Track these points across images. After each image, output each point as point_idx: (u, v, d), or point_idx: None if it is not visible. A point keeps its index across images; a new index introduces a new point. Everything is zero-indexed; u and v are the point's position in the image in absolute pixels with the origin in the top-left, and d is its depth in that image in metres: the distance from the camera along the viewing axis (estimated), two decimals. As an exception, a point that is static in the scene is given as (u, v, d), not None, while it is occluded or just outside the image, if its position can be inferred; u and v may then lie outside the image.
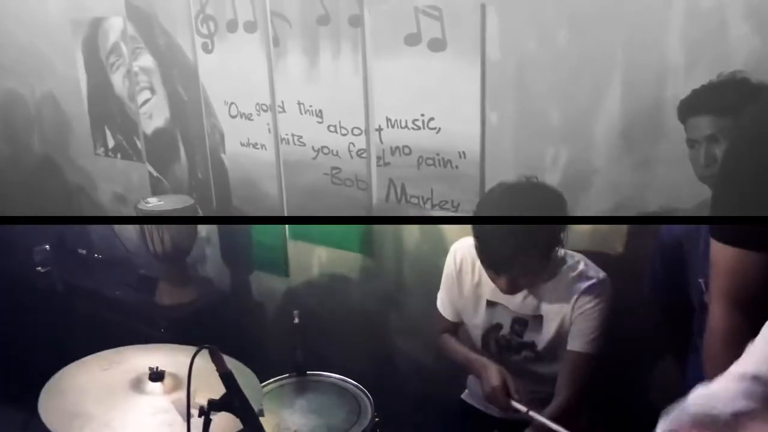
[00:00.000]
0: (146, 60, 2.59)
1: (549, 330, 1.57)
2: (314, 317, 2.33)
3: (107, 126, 2.87)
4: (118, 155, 2.89)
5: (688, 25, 1.51)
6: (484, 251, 1.46)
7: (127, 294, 2.57)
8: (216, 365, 1.17)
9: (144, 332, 2.36)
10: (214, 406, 1.14)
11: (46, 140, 3.21)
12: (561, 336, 1.56)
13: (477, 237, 1.47)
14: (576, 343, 1.53)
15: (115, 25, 2.64)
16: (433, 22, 1.85)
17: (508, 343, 1.63)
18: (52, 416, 1.37)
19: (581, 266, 1.55)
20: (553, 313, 1.56)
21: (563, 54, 1.69)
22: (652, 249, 1.59)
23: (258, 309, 2.58)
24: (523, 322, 1.60)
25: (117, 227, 2.94)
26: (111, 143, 2.89)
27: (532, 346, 1.61)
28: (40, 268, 2.82)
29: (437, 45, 1.86)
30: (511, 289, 1.52)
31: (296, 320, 1.91)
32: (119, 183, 2.96)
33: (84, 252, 3.01)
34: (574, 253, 1.58)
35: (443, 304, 1.74)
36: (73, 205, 3.19)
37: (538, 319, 1.58)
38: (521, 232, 1.39)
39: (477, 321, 1.66)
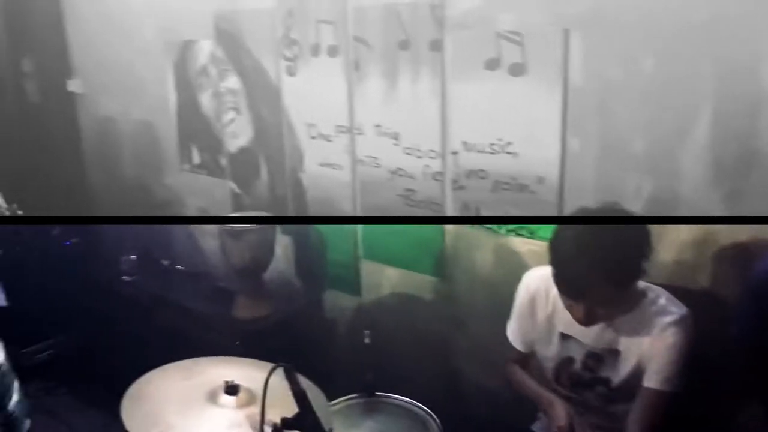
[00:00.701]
0: (233, 81, 2.70)
1: (625, 366, 1.51)
2: (385, 338, 2.33)
3: (194, 144, 3.00)
4: (204, 172, 3.01)
5: (786, 52, 1.45)
6: (561, 278, 1.42)
7: (205, 305, 2.66)
8: (291, 384, 1.20)
9: (220, 344, 2.42)
10: (288, 424, 1.16)
11: (137, 156, 3.38)
12: (637, 372, 1.50)
13: (554, 263, 1.43)
14: (653, 380, 1.47)
15: (205, 48, 2.77)
16: (514, 47, 1.84)
17: (580, 378, 1.58)
18: (134, 422, 1.43)
19: (662, 300, 1.49)
20: (631, 348, 1.50)
21: (650, 81, 1.65)
22: (741, 287, 1.51)
23: (330, 326, 2.61)
24: (597, 357, 1.55)
25: (201, 240, 3.05)
26: (197, 160, 3.02)
27: (606, 381, 1.55)
28: (125, 276, 2.96)
29: (518, 70, 1.85)
30: (588, 320, 1.47)
31: (367, 340, 1.92)
32: (203, 198, 3.08)
33: (167, 263, 3.14)
34: (655, 287, 1.52)
35: (514, 334, 1.70)
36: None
37: (614, 353, 1.52)
38: (601, 259, 1.35)
39: (549, 353, 1.62)
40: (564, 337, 1.58)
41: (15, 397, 1.42)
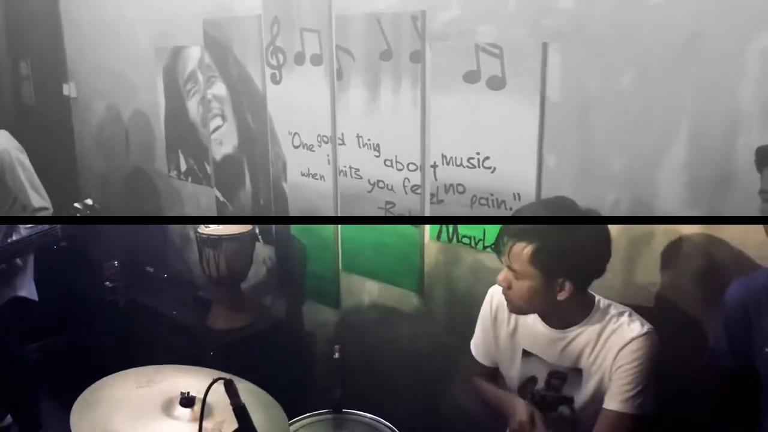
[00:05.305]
0: (219, 88, 2.68)
1: (588, 386, 1.45)
2: (360, 353, 2.29)
3: (181, 150, 2.99)
4: (189, 179, 2.99)
5: (764, 71, 1.40)
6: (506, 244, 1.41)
7: (183, 314, 2.63)
8: (230, 398, 1.15)
9: (194, 354, 2.39)
10: (225, 439, 1.12)
11: (127, 162, 3.36)
12: (600, 393, 1.44)
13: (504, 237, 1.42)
14: (613, 402, 1.41)
15: (194, 54, 2.76)
16: (493, 60, 1.81)
17: (543, 398, 1.52)
18: (81, 427, 1.38)
19: (624, 317, 1.43)
20: (593, 368, 1.44)
21: (628, 97, 1.61)
22: (717, 312, 1.46)
23: (308, 339, 2.57)
24: (561, 376, 1.49)
25: (185, 249, 3.03)
26: (183, 167, 3.00)
27: (569, 402, 1.49)
28: (108, 282, 2.94)
29: (496, 83, 1.82)
30: (514, 306, 1.46)
31: (336, 355, 1.88)
32: (189, 205, 3.06)
33: (151, 270, 3.12)
34: (619, 304, 1.47)
35: (477, 348, 1.66)
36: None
37: (578, 372, 1.47)
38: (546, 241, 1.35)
39: (513, 372, 1.56)
40: (526, 354, 1.53)
41: None
